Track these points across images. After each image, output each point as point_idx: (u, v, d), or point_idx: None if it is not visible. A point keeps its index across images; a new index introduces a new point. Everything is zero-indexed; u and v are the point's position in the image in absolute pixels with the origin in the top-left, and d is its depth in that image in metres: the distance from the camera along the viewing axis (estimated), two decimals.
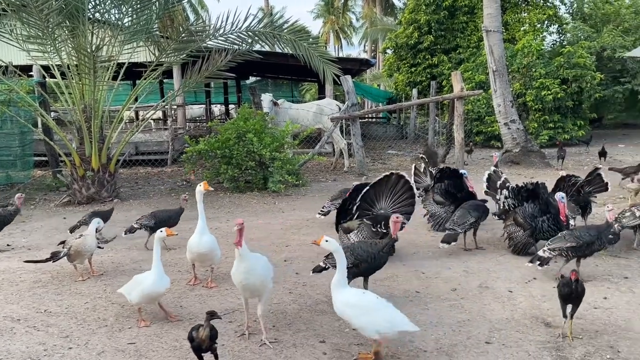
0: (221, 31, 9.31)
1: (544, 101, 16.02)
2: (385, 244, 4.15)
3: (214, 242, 4.66)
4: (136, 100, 11.28)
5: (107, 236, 5.70)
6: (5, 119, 10.47)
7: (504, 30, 15.32)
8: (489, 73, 13.15)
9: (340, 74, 10.29)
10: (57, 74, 9.05)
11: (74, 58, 8.87)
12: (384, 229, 5.10)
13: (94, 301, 4.50)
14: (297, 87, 35.56)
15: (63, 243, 5.11)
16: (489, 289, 4.56)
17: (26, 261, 5.24)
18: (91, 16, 8.71)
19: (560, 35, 22.27)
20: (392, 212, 5.44)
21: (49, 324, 4.04)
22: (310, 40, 10.16)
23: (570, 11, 23.37)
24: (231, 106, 25.59)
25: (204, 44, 9.49)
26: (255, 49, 9.97)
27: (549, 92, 15.85)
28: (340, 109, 12.52)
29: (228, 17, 9.11)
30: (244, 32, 9.38)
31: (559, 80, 16.16)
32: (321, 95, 19.07)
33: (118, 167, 9.83)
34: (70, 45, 8.83)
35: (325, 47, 44.04)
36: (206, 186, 4.79)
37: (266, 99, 12.17)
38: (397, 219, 4.22)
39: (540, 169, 11.98)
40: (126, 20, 9.03)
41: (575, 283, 3.38)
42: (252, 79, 28.46)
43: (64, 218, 7.98)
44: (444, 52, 20.40)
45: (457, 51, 20.15)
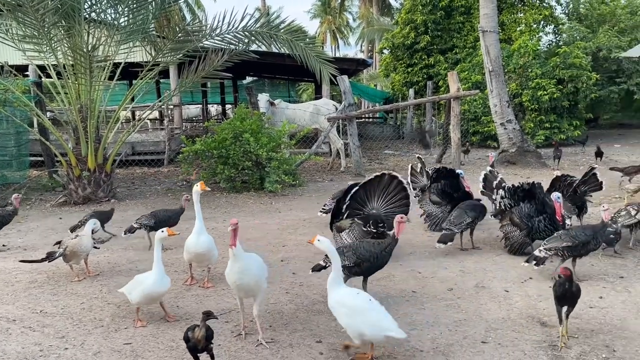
0: (218, 31, 9.31)
1: (540, 101, 16.07)
2: (388, 244, 4.16)
3: (212, 242, 4.66)
4: (133, 100, 11.27)
5: (102, 236, 5.70)
6: (0, 119, 10.41)
7: (500, 31, 15.35)
8: (485, 73, 13.18)
9: (337, 74, 10.31)
10: (53, 73, 9.03)
11: (70, 58, 8.85)
12: (373, 228, 5.12)
13: (90, 301, 4.48)
14: (294, 87, 35.56)
15: (59, 243, 5.11)
16: (485, 289, 4.58)
17: (22, 261, 5.23)
18: (87, 16, 8.70)
19: (556, 35, 22.33)
20: (384, 213, 5.47)
21: (45, 324, 4.03)
22: (307, 40, 10.17)
23: (566, 11, 23.45)
24: (228, 106, 25.57)
25: (201, 44, 9.48)
26: (252, 49, 9.97)
27: (545, 92, 15.90)
28: (337, 109, 12.54)
29: (224, 17, 9.13)
30: (241, 32, 9.38)
31: (555, 80, 16.21)
32: (318, 95, 19.04)
33: (114, 167, 9.81)
34: (66, 45, 8.80)
35: (322, 47, 44.06)
36: (203, 186, 4.79)
37: (263, 99, 12.18)
38: (401, 219, 4.21)
39: (536, 168, 12.01)
40: (122, 20, 9.02)
41: (567, 281, 3.38)
42: (248, 79, 28.44)
43: (60, 218, 7.97)
44: (441, 52, 20.42)
45: (454, 51, 20.18)
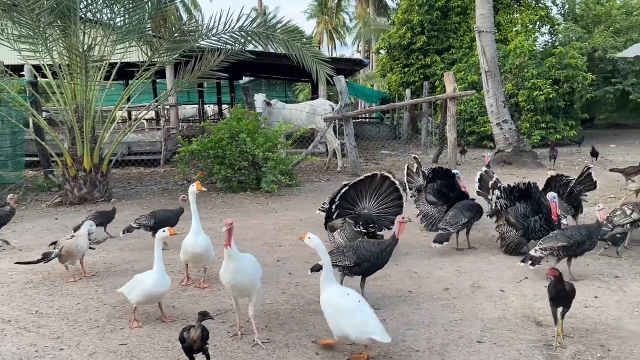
0: (214, 31, 9.29)
1: (536, 101, 16.11)
2: (388, 244, 4.16)
3: (209, 242, 4.66)
4: (129, 100, 11.23)
5: (98, 237, 5.68)
6: None
7: (496, 31, 15.39)
8: (481, 73, 13.20)
9: (333, 74, 10.30)
10: (48, 73, 9.00)
11: (65, 58, 8.82)
12: (363, 228, 5.14)
13: (86, 302, 4.47)
14: (290, 87, 35.55)
15: (54, 244, 5.09)
16: (481, 289, 4.59)
17: (17, 262, 5.21)
18: (83, 16, 8.67)
19: (552, 36, 22.41)
20: (376, 213, 5.50)
21: (40, 325, 4.02)
22: (304, 40, 10.16)
23: (562, 12, 23.51)
24: (224, 106, 25.55)
25: (197, 44, 9.47)
26: (248, 49, 9.95)
27: (540, 92, 15.94)
28: (333, 109, 12.53)
29: (221, 17, 9.11)
30: (237, 32, 9.37)
31: (550, 80, 16.26)
32: (314, 95, 19.05)
33: (110, 168, 9.79)
34: (61, 44, 8.78)
35: (319, 47, 44.07)
36: (199, 186, 4.79)
37: (259, 99, 12.16)
38: (402, 219, 4.22)
39: (532, 168, 12.04)
40: (118, 19, 8.99)
41: (558, 282, 3.39)
42: (245, 79, 28.40)
43: (56, 219, 7.94)
44: (437, 53, 20.46)
45: (450, 51, 20.21)
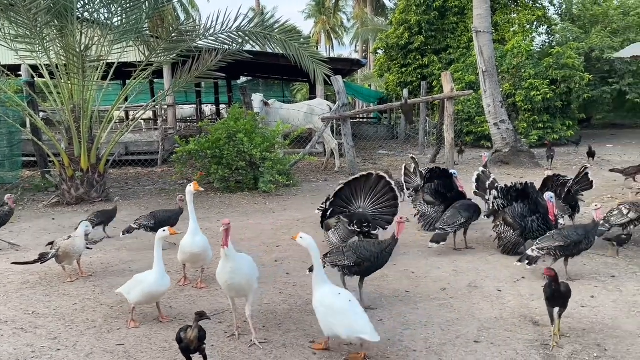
0: (211, 31, 9.30)
1: (533, 101, 16.15)
2: (389, 244, 4.16)
3: (207, 243, 4.65)
4: (126, 100, 11.22)
5: (95, 237, 5.67)
6: None
7: (493, 31, 15.41)
8: (478, 73, 13.23)
9: (331, 74, 10.31)
10: (45, 73, 8.99)
11: (62, 58, 8.81)
12: (357, 227, 5.16)
13: (83, 302, 4.47)
14: (288, 88, 35.52)
15: (51, 244, 5.08)
16: (478, 289, 4.59)
17: (14, 262, 5.20)
18: (80, 15, 8.65)
19: (550, 36, 22.45)
20: (371, 213, 5.51)
21: (37, 325, 4.01)
22: (302, 40, 10.17)
23: (559, 12, 23.58)
24: (222, 106, 25.53)
25: (194, 44, 9.46)
26: (246, 49, 9.96)
27: (538, 92, 15.98)
28: (331, 109, 12.54)
29: (218, 17, 9.12)
30: (235, 32, 9.38)
31: (548, 80, 16.30)
32: (312, 95, 19.06)
33: (108, 168, 9.76)
34: (58, 44, 8.76)
35: (317, 47, 44.06)
36: (196, 186, 4.78)
37: (257, 99, 12.16)
38: (400, 219, 4.22)
39: (529, 168, 12.06)
40: (116, 19, 8.99)
41: (553, 282, 3.40)
42: (243, 79, 28.38)
43: (53, 219, 7.93)
44: (435, 53, 20.49)
45: (448, 52, 20.25)
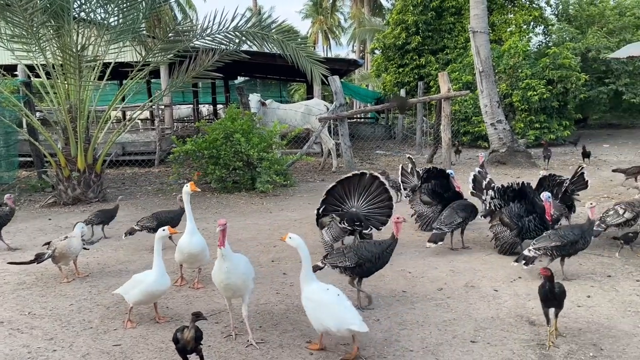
0: (208, 31, 9.29)
1: (530, 102, 16.17)
2: (389, 245, 4.17)
3: (204, 243, 4.64)
4: (123, 100, 11.21)
5: (92, 237, 5.66)
6: None
7: (490, 31, 15.42)
8: (475, 74, 13.24)
9: (328, 75, 10.31)
10: (42, 73, 8.96)
11: (59, 58, 8.78)
12: (348, 225, 5.19)
13: (79, 303, 4.45)
14: (285, 88, 35.56)
15: (48, 244, 5.07)
16: (474, 288, 4.60)
17: (10, 263, 5.18)
18: (76, 15, 8.64)
19: (546, 36, 22.50)
20: (365, 212, 5.54)
21: (33, 326, 4.00)
22: (299, 40, 10.16)
23: (556, 12, 23.61)
24: (219, 106, 25.52)
25: (191, 44, 9.45)
26: (243, 49, 9.95)
27: (534, 92, 16.00)
28: (328, 109, 12.54)
29: (215, 17, 9.11)
30: (232, 32, 9.36)
31: (544, 81, 16.32)
32: (309, 95, 19.04)
33: (104, 168, 9.75)
34: (55, 44, 8.74)
35: (314, 47, 44.11)
36: (193, 187, 4.77)
37: (254, 99, 12.16)
38: (397, 219, 4.23)
39: (526, 168, 12.08)
40: (112, 19, 8.97)
41: (548, 282, 3.41)
42: (240, 79, 28.38)
43: (49, 219, 7.91)
44: (432, 53, 20.49)
45: (445, 52, 20.25)
